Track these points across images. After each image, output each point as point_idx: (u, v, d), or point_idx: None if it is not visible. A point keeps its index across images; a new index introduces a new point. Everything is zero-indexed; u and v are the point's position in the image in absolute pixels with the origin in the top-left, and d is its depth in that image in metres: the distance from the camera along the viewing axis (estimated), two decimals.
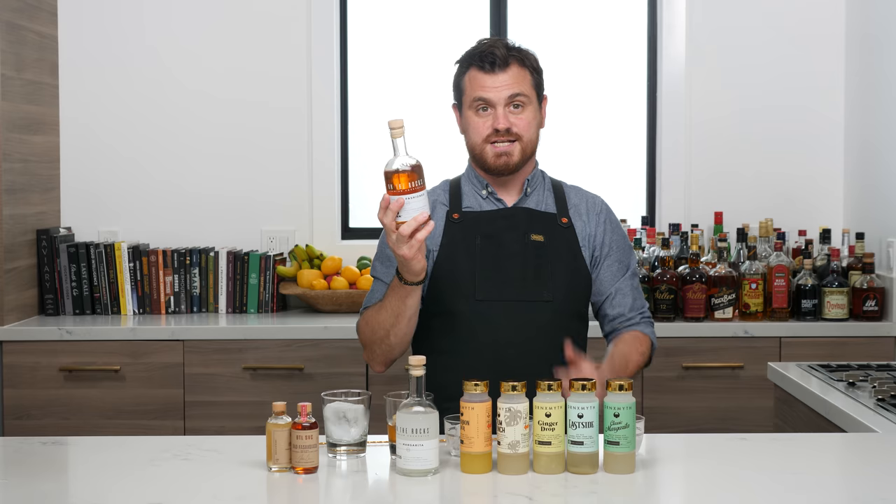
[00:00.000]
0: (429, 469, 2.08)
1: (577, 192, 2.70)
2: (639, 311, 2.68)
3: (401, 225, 2.28)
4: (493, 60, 2.54)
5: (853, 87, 4.38)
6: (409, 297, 2.46)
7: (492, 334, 2.54)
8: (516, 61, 2.56)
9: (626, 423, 2.09)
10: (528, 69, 2.58)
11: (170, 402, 3.91)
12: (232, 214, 4.46)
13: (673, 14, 4.46)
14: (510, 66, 2.55)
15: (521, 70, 2.56)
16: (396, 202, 2.27)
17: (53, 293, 4.17)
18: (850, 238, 4.20)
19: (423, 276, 2.42)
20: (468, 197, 2.64)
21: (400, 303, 2.47)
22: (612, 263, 2.64)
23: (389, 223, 2.29)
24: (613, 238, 2.66)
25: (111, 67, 4.45)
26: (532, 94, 2.57)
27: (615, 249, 2.66)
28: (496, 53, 2.54)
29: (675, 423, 3.90)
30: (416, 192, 2.27)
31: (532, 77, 2.58)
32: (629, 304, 2.65)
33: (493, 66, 2.54)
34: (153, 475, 2.11)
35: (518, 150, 2.56)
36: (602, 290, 2.65)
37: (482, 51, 2.57)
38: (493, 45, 2.57)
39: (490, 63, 2.54)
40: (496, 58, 2.54)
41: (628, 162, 4.61)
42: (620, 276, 2.65)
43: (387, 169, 2.27)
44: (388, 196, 2.28)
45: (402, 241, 2.31)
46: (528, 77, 2.57)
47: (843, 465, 2.31)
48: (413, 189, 2.26)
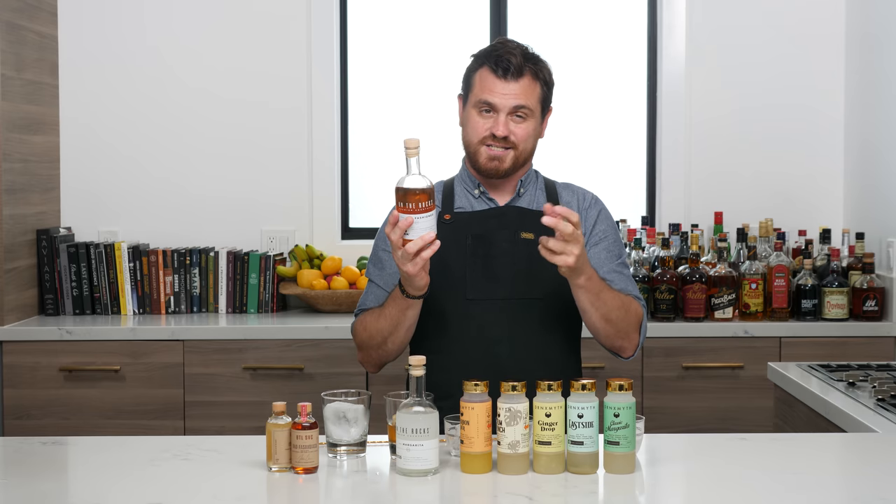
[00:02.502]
0: (429, 469, 2.08)
1: (568, 189, 2.69)
2: (632, 294, 2.60)
3: (407, 242, 2.30)
4: (507, 67, 2.52)
5: (853, 86, 4.38)
6: (409, 309, 2.48)
7: (483, 333, 2.54)
8: (530, 73, 2.54)
9: (626, 423, 2.09)
10: (540, 82, 2.56)
11: (170, 402, 3.91)
12: (232, 214, 4.46)
13: (673, 14, 4.46)
14: (523, 77, 2.53)
15: (532, 83, 2.54)
16: (406, 220, 2.28)
17: (53, 293, 4.17)
18: (850, 238, 4.20)
19: (425, 291, 2.43)
20: (460, 197, 2.65)
21: (400, 313, 2.49)
22: (599, 252, 2.61)
23: (397, 240, 2.30)
24: (604, 229, 2.64)
25: (111, 67, 4.45)
26: (537, 107, 2.56)
27: (604, 239, 2.63)
28: (511, 61, 2.52)
29: (675, 423, 3.90)
30: (427, 213, 2.29)
31: (541, 91, 2.57)
32: (620, 287, 2.59)
33: (506, 72, 2.53)
34: (153, 475, 2.11)
35: (511, 158, 2.56)
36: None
37: (499, 53, 2.54)
38: (511, 52, 2.54)
39: (504, 69, 2.53)
40: (511, 65, 2.52)
41: (628, 162, 4.61)
42: (610, 263, 2.60)
43: (399, 186, 2.27)
44: (397, 213, 2.29)
45: (406, 258, 2.32)
46: (537, 90, 2.55)
47: (843, 465, 2.31)
48: (424, 209, 2.28)
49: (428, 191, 2.27)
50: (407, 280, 2.40)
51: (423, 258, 2.32)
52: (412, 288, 2.42)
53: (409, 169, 2.28)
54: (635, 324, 2.56)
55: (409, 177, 2.27)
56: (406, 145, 2.28)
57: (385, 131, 4.60)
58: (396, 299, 2.48)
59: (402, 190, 2.27)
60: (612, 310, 2.49)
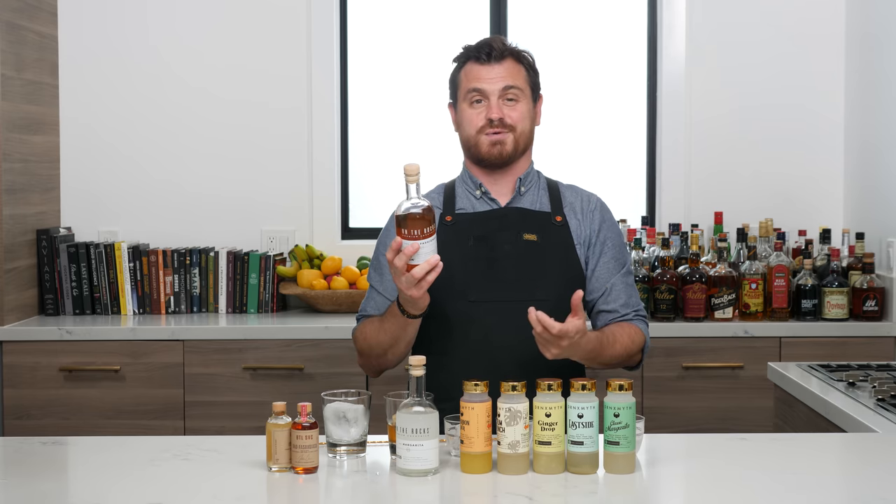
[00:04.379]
0: (429, 469, 2.08)
1: (572, 190, 2.70)
2: (633, 308, 2.65)
3: (412, 268, 2.30)
4: (489, 52, 2.58)
5: (853, 86, 4.38)
6: (409, 326, 2.49)
7: (485, 335, 2.54)
8: (512, 56, 2.60)
9: (626, 423, 2.09)
10: (524, 66, 2.62)
11: (170, 402, 3.91)
12: (232, 214, 4.46)
13: (673, 14, 4.46)
14: (506, 60, 2.59)
15: (516, 65, 2.60)
16: (411, 247, 2.28)
17: (53, 293, 4.17)
18: (850, 238, 4.20)
19: (425, 310, 2.44)
20: (462, 199, 2.65)
21: (400, 330, 2.50)
22: (607, 261, 2.63)
23: (402, 266, 2.31)
24: (609, 235, 2.65)
25: (111, 67, 4.45)
26: (527, 88, 2.60)
27: (610, 247, 2.64)
28: (493, 46, 2.59)
29: (675, 423, 3.90)
30: (430, 238, 2.29)
31: (527, 73, 2.62)
32: (623, 301, 2.63)
33: (489, 56, 2.58)
34: (153, 475, 2.11)
35: (511, 140, 2.58)
36: (596, 287, 2.63)
37: (478, 45, 2.62)
38: (490, 41, 2.62)
39: (486, 54, 2.58)
40: (493, 49, 2.59)
41: (628, 162, 4.61)
42: (615, 273, 2.63)
43: (401, 213, 2.28)
44: (399, 239, 2.29)
45: (411, 283, 2.33)
46: (522, 72, 2.61)
47: (843, 465, 2.31)
48: (427, 234, 2.29)
49: (430, 216, 2.28)
50: (409, 302, 2.41)
51: (427, 282, 2.33)
52: (414, 308, 2.43)
53: (408, 194, 2.28)
54: (637, 350, 2.61)
55: (409, 203, 2.27)
56: (406, 172, 2.27)
57: (385, 131, 4.61)
58: (396, 317, 2.49)
59: (405, 217, 2.27)
60: (614, 357, 2.55)
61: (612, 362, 2.55)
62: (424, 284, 2.34)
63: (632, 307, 2.65)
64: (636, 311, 2.66)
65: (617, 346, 2.54)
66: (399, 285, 2.36)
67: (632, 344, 2.58)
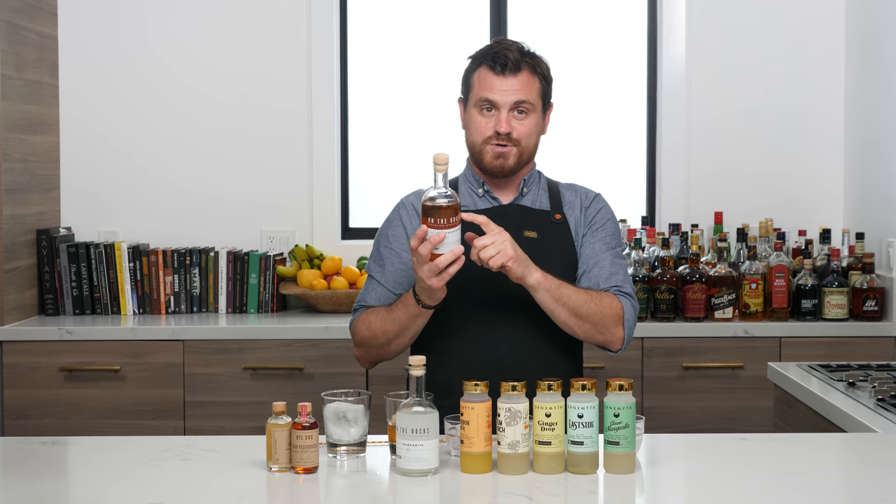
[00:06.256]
0: (429, 469, 2.08)
1: (571, 189, 2.70)
2: (616, 284, 2.55)
3: (436, 257, 2.30)
4: (504, 63, 2.54)
5: (853, 86, 4.38)
6: (420, 317, 2.49)
7: (485, 332, 2.54)
8: (528, 67, 2.56)
9: (626, 423, 2.09)
10: (538, 77, 2.58)
11: (170, 402, 3.91)
12: (232, 215, 4.46)
13: (673, 14, 4.46)
14: (521, 72, 2.55)
15: (531, 77, 2.56)
16: (437, 235, 2.28)
17: (53, 293, 4.17)
18: (850, 238, 4.20)
19: (440, 302, 2.44)
20: (464, 196, 2.65)
21: (410, 320, 2.49)
22: (595, 241, 2.60)
23: (426, 254, 2.30)
24: (599, 219, 2.62)
25: (111, 67, 4.45)
26: (538, 102, 2.57)
27: (599, 227, 2.61)
28: (509, 56, 2.54)
29: (675, 423, 3.90)
30: (456, 227, 2.29)
31: (540, 85, 2.58)
32: (605, 276, 2.55)
33: (504, 68, 2.54)
34: (153, 475, 2.11)
35: (514, 155, 2.57)
36: (582, 265, 2.59)
37: (496, 51, 2.56)
38: (508, 48, 2.56)
39: (501, 65, 2.54)
40: (508, 61, 2.54)
41: (628, 162, 4.61)
42: (602, 252, 2.59)
43: (430, 202, 2.27)
44: (425, 227, 2.29)
45: (434, 272, 2.32)
46: (536, 85, 2.57)
47: (843, 465, 2.32)
48: (452, 224, 2.28)
49: (456, 206, 2.28)
50: (427, 292, 2.40)
51: (449, 273, 2.32)
52: (430, 299, 2.42)
53: (436, 183, 2.28)
54: (613, 316, 2.50)
55: (436, 192, 2.27)
56: (435, 161, 2.27)
57: (385, 131, 4.60)
58: (408, 306, 2.48)
59: (434, 206, 2.27)
60: (580, 304, 2.45)
61: (581, 307, 2.44)
62: (446, 276, 2.33)
63: (614, 283, 2.56)
64: (618, 288, 2.56)
65: (584, 295, 2.46)
66: (420, 274, 2.35)
67: (605, 307, 2.48)
